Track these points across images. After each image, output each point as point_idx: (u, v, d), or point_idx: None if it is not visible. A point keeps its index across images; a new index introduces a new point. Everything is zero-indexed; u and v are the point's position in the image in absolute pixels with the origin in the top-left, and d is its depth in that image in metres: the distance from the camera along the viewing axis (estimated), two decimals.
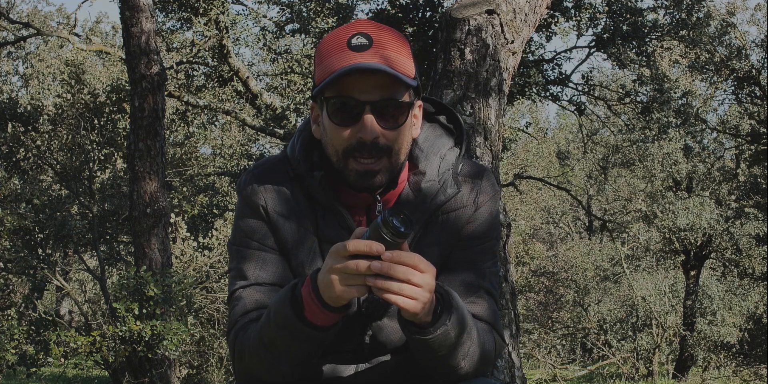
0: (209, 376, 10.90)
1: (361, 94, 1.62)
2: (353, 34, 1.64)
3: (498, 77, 4.08)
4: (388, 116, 1.65)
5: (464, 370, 1.66)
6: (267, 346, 1.61)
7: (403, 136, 1.67)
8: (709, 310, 15.78)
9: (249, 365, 1.67)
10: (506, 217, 4.00)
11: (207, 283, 11.00)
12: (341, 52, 1.64)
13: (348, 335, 1.73)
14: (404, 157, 1.70)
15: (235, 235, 1.77)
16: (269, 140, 19.08)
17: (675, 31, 10.23)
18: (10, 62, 21.78)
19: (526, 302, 20.01)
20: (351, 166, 1.65)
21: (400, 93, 1.65)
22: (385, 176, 1.67)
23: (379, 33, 1.65)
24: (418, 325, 1.55)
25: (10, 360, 8.41)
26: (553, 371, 15.86)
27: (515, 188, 17.71)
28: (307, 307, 1.54)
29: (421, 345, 1.58)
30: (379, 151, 1.64)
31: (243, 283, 1.73)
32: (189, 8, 11.70)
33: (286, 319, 1.55)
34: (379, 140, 1.64)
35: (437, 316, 1.55)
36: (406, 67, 1.65)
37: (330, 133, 1.67)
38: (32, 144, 11.66)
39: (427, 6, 8.59)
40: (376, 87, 1.62)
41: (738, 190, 16.86)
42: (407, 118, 1.68)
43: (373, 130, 1.63)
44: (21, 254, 9.37)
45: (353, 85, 1.62)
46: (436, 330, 1.55)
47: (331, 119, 1.66)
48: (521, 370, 3.93)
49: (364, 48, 1.63)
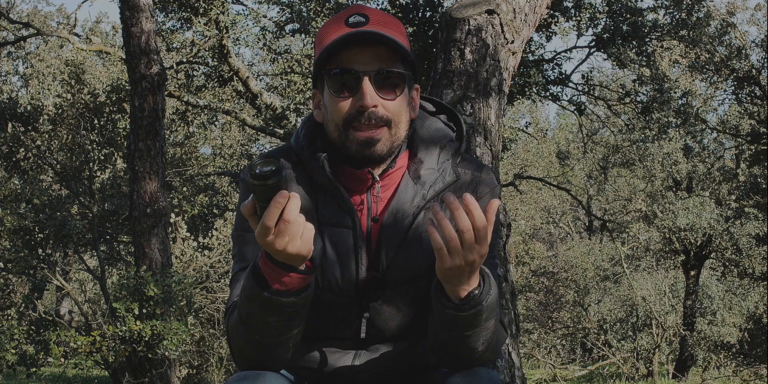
0: (209, 376, 10.90)
1: (359, 65, 1.68)
2: (350, 14, 1.71)
3: (498, 77, 4.08)
4: (386, 87, 1.69)
5: (478, 354, 1.67)
6: (245, 320, 1.63)
7: (401, 109, 1.72)
8: (709, 310, 15.78)
9: (239, 344, 1.69)
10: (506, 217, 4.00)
11: (207, 283, 11.00)
12: (339, 30, 1.69)
13: (345, 318, 1.74)
14: (403, 134, 1.74)
15: (237, 222, 1.80)
16: (269, 140, 19.07)
17: (675, 31, 10.23)
18: (10, 62, 21.78)
19: (526, 302, 20.01)
20: (351, 136, 1.69)
21: (397, 66, 1.70)
22: (385, 147, 1.70)
23: (374, 12, 1.72)
24: (456, 301, 1.57)
25: (10, 360, 8.41)
26: (553, 371, 15.86)
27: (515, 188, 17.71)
28: (266, 274, 1.56)
29: (451, 321, 1.60)
30: (378, 119, 1.68)
31: (243, 265, 1.75)
32: (189, 8, 11.69)
33: (251, 289, 1.57)
34: (377, 109, 1.68)
35: (474, 293, 1.57)
36: (401, 42, 1.71)
37: (330, 108, 1.71)
38: (32, 144, 11.66)
39: (427, 6, 8.58)
40: (374, 58, 1.68)
41: (738, 190, 16.86)
42: (404, 90, 1.72)
43: (373, 98, 1.67)
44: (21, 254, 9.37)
45: (351, 56, 1.68)
46: (472, 308, 1.57)
47: (331, 92, 1.70)
48: (521, 370, 3.93)
49: (362, 24, 1.69)
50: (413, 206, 1.74)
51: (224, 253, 11.17)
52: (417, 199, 1.75)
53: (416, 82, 1.79)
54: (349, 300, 1.73)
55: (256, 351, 1.67)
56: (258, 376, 1.64)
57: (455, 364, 1.69)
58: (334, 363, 1.78)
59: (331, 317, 1.75)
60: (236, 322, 1.66)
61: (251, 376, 1.65)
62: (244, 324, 1.63)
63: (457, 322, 1.59)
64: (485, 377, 1.65)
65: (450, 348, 1.67)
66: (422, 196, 1.75)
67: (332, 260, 1.73)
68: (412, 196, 1.75)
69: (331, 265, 1.73)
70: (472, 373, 1.66)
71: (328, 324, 1.76)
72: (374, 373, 1.78)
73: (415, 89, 1.79)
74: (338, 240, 1.74)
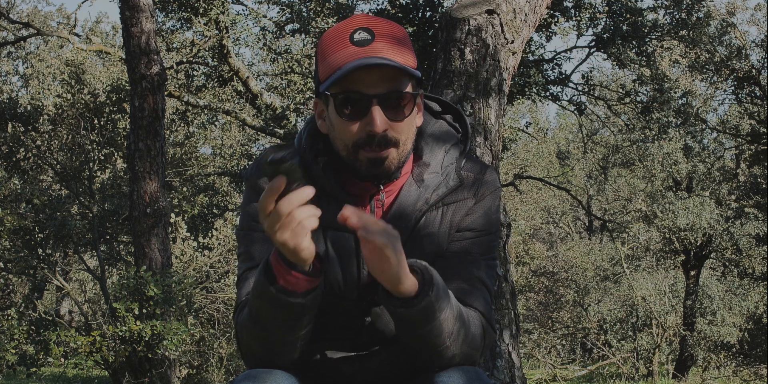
0: (209, 376, 10.90)
1: (367, 88, 1.65)
2: (354, 29, 1.67)
3: (498, 77, 4.08)
4: (394, 108, 1.68)
5: (451, 352, 1.67)
6: (255, 318, 1.64)
7: (409, 127, 1.71)
8: (709, 310, 15.78)
9: (247, 341, 1.70)
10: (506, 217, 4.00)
11: (207, 283, 11.00)
12: (344, 48, 1.66)
13: (346, 320, 1.75)
14: (410, 146, 1.73)
15: (242, 222, 1.80)
16: (269, 140, 19.06)
17: (675, 31, 10.23)
18: (10, 62, 21.77)
19: (526, 302, 20.00)
20: (362, 156, 1.68)
21: (404, 84, 1.68)
22: (393, 165, 1.70)
23: (379, 26, 1.69)
24: (403, 298, 1.58)
25: (10, 360, 8.42)
26: (553, 371, 15.86)
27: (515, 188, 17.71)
28: (277, 273, 1.57)
29: (405, 319, 1.61)
30: (387, 143, 1.67)
31: (250, 264, 1.76)
32: (189, 8, 11.69)
33: (262, 286, 1.58)
34: (387, 133, 1.66)
35: (420, 287, 1.58)
36: (408, 59, 1.69)
37: (338, 128, 1.70)
38: (32, 144, 11.66)
39: (427, 6, 8.58)
40: (382, 80, 1.66)
41: (738, 190, 16.86)
42: (413, 109, 1.71)
43: (383, 123, 1.65)
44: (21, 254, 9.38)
45: (359, 79, 1.65)
46: (420, 302, 1.57)
47: (339, 114, 1.68)
48: (521, 370, 3.93)
49: (367, 42, 1.66)
50: (416, 210, 1.74)
51: (224, 253, 11.17)
52: (420, 202, 1.75)
53: (421, 86, 1.76)
54: (350, 303, 1.74)
55: (264, 349, 1.68)
56: (266, 374, 1.65)
57: (434, 364, 1.69)
58: (334, 364, 1.78)
59: (332, 320, 1.76)
60: (246, 319, 1.67)
61: (260, 373, 1.66)
62: (254, 321, 1.65)
63: (410, 319, 1.60)
64: (472, 375, 1.66)
65: (418, 347, 1.68)
66: (425, 200, 1.75)
67: (334, 263, 1.74)
68: (415, 200, 1.75)
69: (333, 268, 1.74)
70: (458, 371, 1.67)
71: (329, 326, 1.76)
72: (374, 374, 1.79)
73: (419, 95, 1.77)
74: (340, 243, 1.74)
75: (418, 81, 1.72)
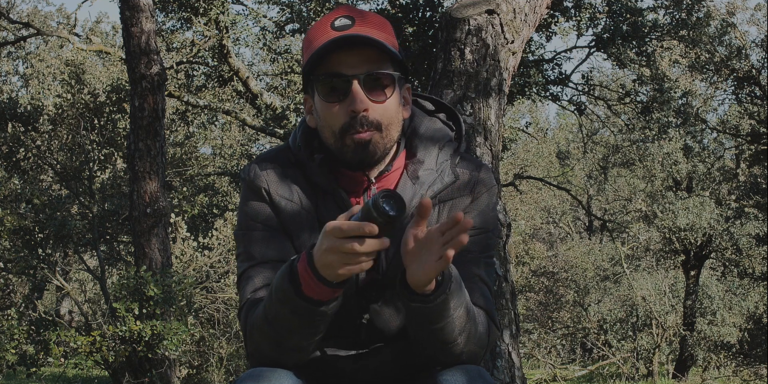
0: (209, 376, 10.90)
1: (348, 68, 1.68)
2: (336, 17, 1.71)
3: (498, 77, 4.08)
4: (376, 89, 1.70)
5: (460, 348, 1.68)
6: (271, 321, 1.64)
7: (392, 111, 1.72)
8: (709, 310, 15.77)
9: (258, 342, 1.70)
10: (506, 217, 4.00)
11: (207, 283, 11.00)
12: (325, 34, 1.70)
13: (345, 319, 1.75)
14: (395, 135, 1.74)
15: (240, 221, 1.81)
16: (269, 140, 19.07)
17: (675, 31, 10.22)
18: (10, 62, 21.77)
19: (526, 302, 19.99)
20: (347, 142, 1.69)
21: (386, 67, 1.71)
22: (378, 149, 1.71)
23: (360, 14, 1.72)
24: (421, 293, 1.58)
25: (10, 360, 8.42)
26: (553, 371, 15.86)
27: (515, 188, 17.71)
28: (304, 282, 1.57)
29: (421, 315, 1.61)
30: (370, 125, 1.68)
31: (251, 263, 1.76)
32: (189, 8, 11.69)
33: (285, 293, 1.59)
34: (368, 113, 1.68)
35: (438, 283, 1.59)
36: (388, 41, 1.71)
37: (323, 114, 1.72)
38: (32, 144, 11.65)
39: (427, 6, 8.58)
40: (362, 61, 1.68)
41: (738, 190, 16.85)
42: (394, 91, 1.72)
43: (363, 101, 1.67)
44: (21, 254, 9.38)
45: (339, 61, 1.68)
46: (437, 298, 1.58)
47: (322, 97, 1.71)
48: (521, 370, 3.93)
49: (347, 27, 1.69)
50: (411, 207, 1.74)
51: (224, 253, 11.17)
52: (415, 199, 1.75)
53: (407, 80, 1.79)
54: (349, 301, 1.74)
55: (276, 352, 1.69)
56: (270, 373, 1.66)
57: (440, 360, 1.70)
58: (334, 363, 1.78)
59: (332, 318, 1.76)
60: (260, 322, 1.67)
61: (264, 372, 1.66)
62: (269, 324, 1.65)
63: (426, 314, 1.61)
64: (474, 374, 1.66)
65: (427, 343, 1.68)
66: (420, 197, 1.75)
67: None
68: (411, 197, 1.75)
69: None
70: (461, 369, 1.67)
71: (329, 325, 1.76)
72: (374, 373, 1.79)
73: (406, 88, 1.80)
74: None
75: (402, 67, 1.74)
